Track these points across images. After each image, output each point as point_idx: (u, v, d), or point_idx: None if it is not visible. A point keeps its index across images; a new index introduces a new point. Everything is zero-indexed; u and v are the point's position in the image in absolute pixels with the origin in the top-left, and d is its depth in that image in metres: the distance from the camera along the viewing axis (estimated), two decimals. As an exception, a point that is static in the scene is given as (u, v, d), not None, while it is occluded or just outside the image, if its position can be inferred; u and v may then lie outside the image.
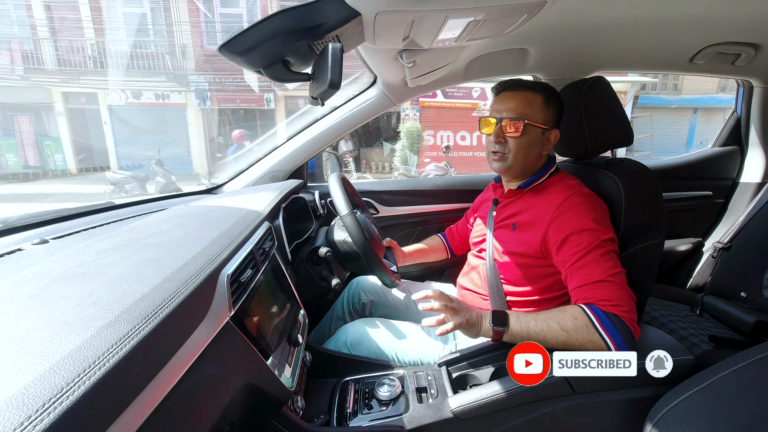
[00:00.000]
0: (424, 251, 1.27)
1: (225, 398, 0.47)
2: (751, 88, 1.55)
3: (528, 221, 0.90)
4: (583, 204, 0.83)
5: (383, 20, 0.67)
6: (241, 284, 0.55)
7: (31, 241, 0.66)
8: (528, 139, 0.89)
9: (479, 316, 0.80)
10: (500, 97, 0.92)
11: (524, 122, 0.86)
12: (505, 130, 0.89)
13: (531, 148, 0.90)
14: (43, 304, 0.37)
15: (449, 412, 0.76)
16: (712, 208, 1.69)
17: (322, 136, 1.40)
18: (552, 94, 0.91)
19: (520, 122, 0.87)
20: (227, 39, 0.61)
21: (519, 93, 0.89)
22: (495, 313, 0.79)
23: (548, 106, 0.89)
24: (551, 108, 0.90)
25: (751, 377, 0.65)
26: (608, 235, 0.79)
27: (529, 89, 0.89)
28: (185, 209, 0.85)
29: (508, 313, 0.79)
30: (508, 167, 0.92)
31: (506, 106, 0.89)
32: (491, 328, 0.78)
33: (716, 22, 1.01)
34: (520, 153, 0.89)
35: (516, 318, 0.78)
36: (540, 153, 0.92)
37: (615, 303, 0.72)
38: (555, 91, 0.93)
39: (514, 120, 0.87)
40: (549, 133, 0.91)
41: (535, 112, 0.88)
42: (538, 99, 0.88)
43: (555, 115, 0.91)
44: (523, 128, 0.87)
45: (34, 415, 0.24)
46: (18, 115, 9.58)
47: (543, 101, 0.89)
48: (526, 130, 0.87)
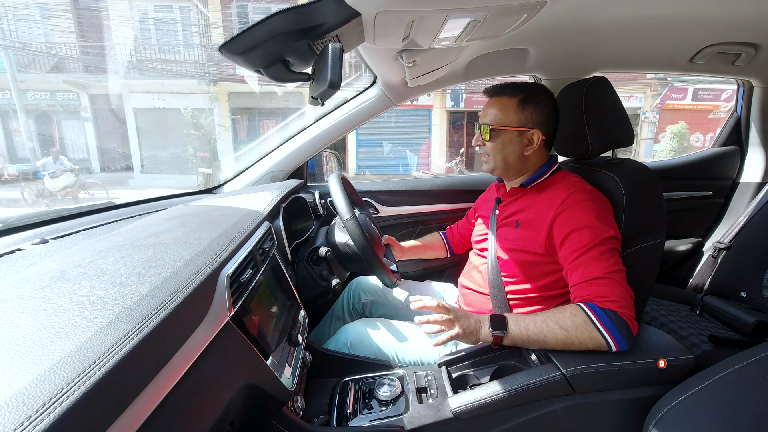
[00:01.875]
0: (423, 247, 1.28)
1: (225, 398, 0.47)
2: (751, 88, 1.54)
3: (531, 218, 0.90)
4: (587, 201, 0.83)
5: (383, 20, 0.67)
6: (241, 284, 0.55)
7: (31, 241, 0.66)
8: (501, 141, 0.93)
9: (477, 322, 0.79)
10: (486, 103, 0.98)
11: (490, 128, 0.93)
12: (482, 135, 0.96)
13: (507, 149, 0.94)
14: (43, 304, 0.37)
15: (449, 413, 0.76)
16: (712, 208, 1.69)
17: (322, 136, 1.40)
18: (533, 94, 0.92)
19: (488, 127, 0.93)
20: (227, 39, 0.61)
21: (495, 99, 0.95)
22: (494, 317, 0.79)
23: (523, 109, 0.91)
24: (528, 109, 0.91)
25: (751, 377, 0.65)
26: (610, 233, 0.79)
27: (505, 94, 0.93)
28: (185, 209, 0.85)
29: (506, 317, 0.79)
30: (491, 168, 0.98)
31: (484, 113, 0.96)
32: (490, 333, 0.77)
33: (716, 22, 1.01)
34: (497, 155, 0.95)
35: (515, 321, 0.78)
36: (521, 153, 0.94)
37: (612, 299, 0.73)
38: (540, 90, 0.93)
39: (486, 126, 0.94)
40: (528, 133, 0.92)
41: (508, 116, 0.92)
42: (512, 103, 0.92)
43: (535, 115, 0.91)
44: (492, 133, 0.93)
45: (34, 415, 0.24)
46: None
47: (517, 104, 0.91)
48: (496, 134, 0.93)
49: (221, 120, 10.24)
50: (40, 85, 9.74)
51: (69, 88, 9.72)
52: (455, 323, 0.77)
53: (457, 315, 0.79)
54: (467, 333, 0.77)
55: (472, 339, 0.78)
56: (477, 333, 0.78)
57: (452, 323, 0.77)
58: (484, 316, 0.81)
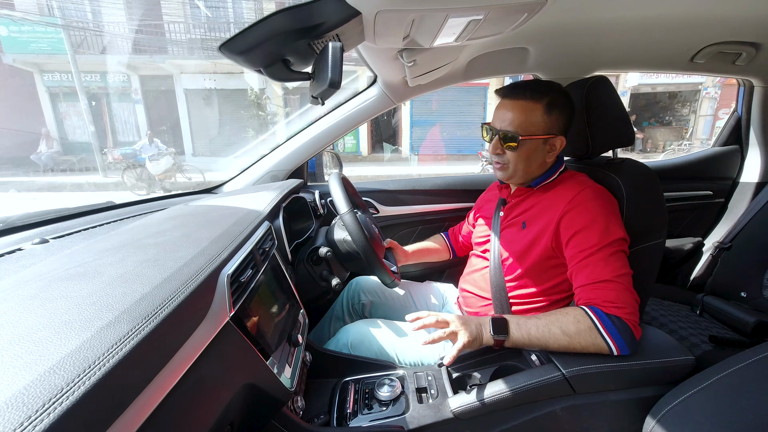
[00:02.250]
0: (427, 251, 1.26)
1: (225, 398, 0.47)
2: (752, 88, 1.54)
3: (539, 217, 0.88)
4: (596, 199, 0.81)
5: (383, 19, 0.67)
6: (241, 284, 0.55)
7: (31, 241, 0.66)
8: (527, 150, 0.86)
9: (479, 326, 0.78)
10: (500, 104, 0.88)
11: (519, 137, 0.84)
12: (502, 143, 0.87)
13: (532, 158, 0.87)
14: (43, 304, 0.37)
15: (449, 413, 0.76)
16: (712, 208, 1.69)
17: (322, 136, 1.40)
18: (557, 98, 0.85)
19: (517, 136, 0.84)
20: (227, 39, 0.61)
21: (517, 103, 0.85)
22: (495, 321, 0.78)
23: (550, 114, 0.84)
24: (554, 115, 0.84)
25: (751, 377, 0.65)
26: (619, 234, 0.78)
27: (528, 98, 0.84)
28: (185, 209, 0.85)
29: (507, 320, 0.77)
30: (509, 176, 0.91)
31: (504, 117, 0.86)
32: (492, 337, 0.76)
33: (717, 21, 1.01)
34: (520, 165, 0.87)
35: (516, 325, 0.77)
36: (544, 160, 0.89)
37: (618, 305, 0.72)
38: (562, 92, 0.87)
39: (510, 134, 0.85)
40: (552, 140, 0.87)
41: (535, 123, 0.84)
42: (538, 108, 0.84)
43: (560, 120, 0.86)
44: (519, 142, 0.84)
45: (34, 416, 0.24)
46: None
47: (544, 109, 0.84)
48: (522, 144, 0.85)
49: (275, 101, 10.07)
50: (91, 67, 9.59)
51: (121, 70, 9.59)
52: (457, 333, 0.76)
53: (458, 325, 0.77)
54: (471, 340, 0.76)
55: (475, 345, 0.77)
56: (480, 338, 0.77)
57: (455, 335, 0.76)
58: (485, 318, 0.79)
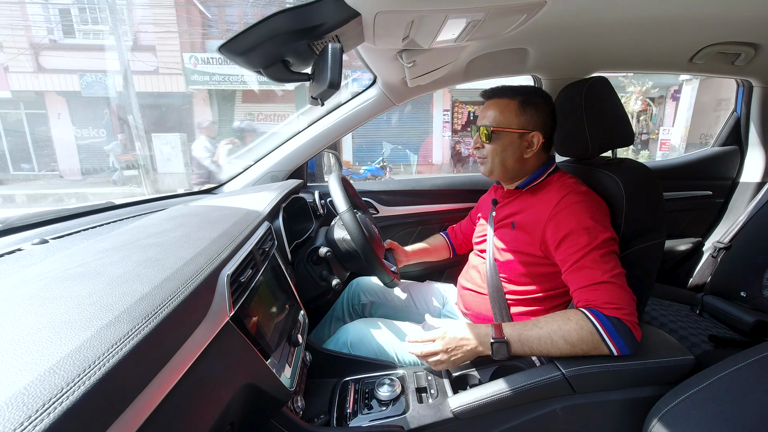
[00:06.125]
0: (427, 250, 1.27)
1: (225, 398, 0.47)
2: (751, 88, 1.55)
3: (526, 221, 0.90)
4: (581, 202, 0.83)
5: (383, 20, 0.67)
6: (241, 284, 0.55)
7: (31, 241, 0.66)
8: (501, 144, 0.93)
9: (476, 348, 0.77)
10: (484, 105, 0.97)
11: (492, 128, 0.92)
12: (481, 136, 0.95)
13: (507, 152, 0.93)
14: (43, 304, 0.37)
15: (449, 412, 0.76)
16: (712, 207, 1.69)
17: (322, 136, 1.40)
18: (532, 97, 0.92)
19: (490, 127, 0.92)
20: (226, 39, 0.61)
21: (494, 101, 0.94)
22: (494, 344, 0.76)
23: (524, 111, 0.91)
24: (528, 111, 0.91)
25: (751, 377, 0.65)
26: (607, 234, 0.79)
27: (504, 96, 0.93)
28: (185, 209, 0.85)
29: (509, 341, 0.75)
30: (489, 170, 0.97)
31: (484, 114, 0.95)
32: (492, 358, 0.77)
33: (716, 22, 1.01)
34: (496, 158, 0.94)
35: (519, 342, 0.75)
36: (521, 156, 0.93)
37: (617, 306, 0.72)
38: (539, 93, 0.94)
39: (486, 127, 0.93)
40: (528, 136, 0.91)
41: (509, 118, 0.91)
42: (512, 105, 0.91)
43: (535, 117, 0.91)
44: (492, 135, 0.92)
45: (34, 415, 0.24)
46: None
47: (518, 106, 0.91)
48: (496, 137, 0.93)
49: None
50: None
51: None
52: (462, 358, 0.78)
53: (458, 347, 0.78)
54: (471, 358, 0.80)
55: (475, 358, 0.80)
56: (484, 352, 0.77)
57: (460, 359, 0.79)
58: (485, 338, 0.77)
